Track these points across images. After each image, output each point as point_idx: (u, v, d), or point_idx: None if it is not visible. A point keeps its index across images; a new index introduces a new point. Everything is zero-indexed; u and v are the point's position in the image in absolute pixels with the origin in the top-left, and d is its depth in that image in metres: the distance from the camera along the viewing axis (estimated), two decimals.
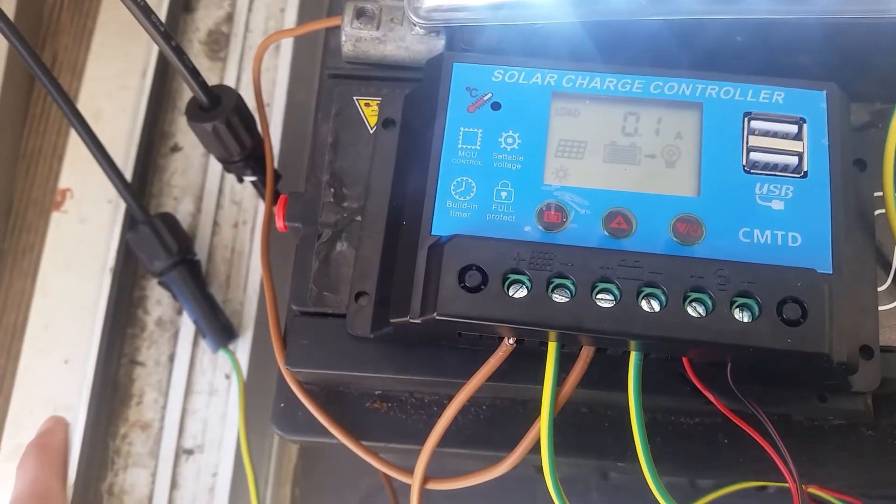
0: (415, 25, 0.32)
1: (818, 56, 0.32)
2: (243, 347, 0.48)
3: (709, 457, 0.33)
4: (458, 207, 0.27)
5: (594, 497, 0.59)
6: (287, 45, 0.54)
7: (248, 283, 0.49)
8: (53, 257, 0.49)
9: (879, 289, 0.31)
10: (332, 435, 0.32)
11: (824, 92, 0.28)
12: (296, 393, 0.32)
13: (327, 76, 0.36)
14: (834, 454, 0.33)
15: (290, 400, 0.33)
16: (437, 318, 0.25)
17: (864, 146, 0.32)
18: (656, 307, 0.24)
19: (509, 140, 0.28)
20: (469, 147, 0.28)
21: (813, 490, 0.50)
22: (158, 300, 0.49)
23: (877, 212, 0.32)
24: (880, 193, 0.31)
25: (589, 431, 0.33)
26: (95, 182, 0.49)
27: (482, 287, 0.25)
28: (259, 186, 0.44)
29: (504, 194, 0.27)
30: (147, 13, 0.33)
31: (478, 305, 0.24)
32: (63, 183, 0.51)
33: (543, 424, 0.26)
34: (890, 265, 0.32)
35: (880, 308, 0.31)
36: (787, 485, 0.54)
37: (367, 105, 0.34)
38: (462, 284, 0.25)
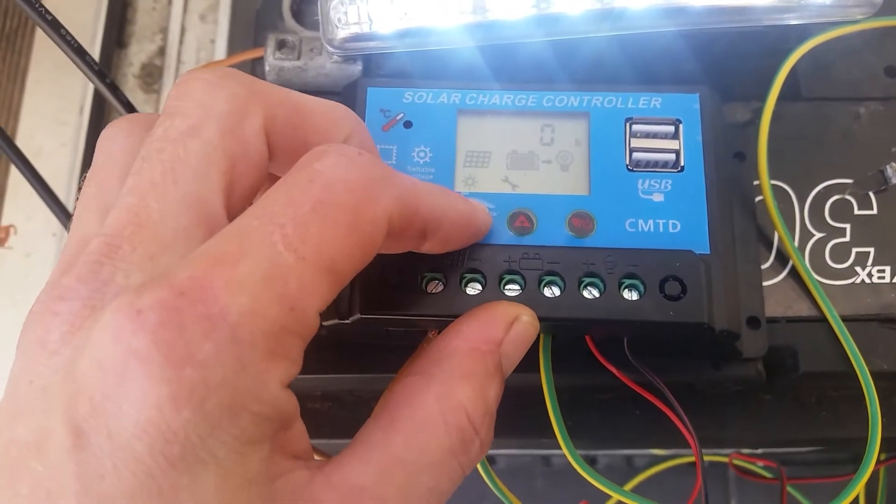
0: (332, 55, 0.35)
1: (696, 63, 0.36)
2: None
3: (623, 427, 0.36)
4: None
5: (539, 484, 0.62)
6: None
7: None
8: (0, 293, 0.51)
9: (763, 266, 0.35)
10: None
11: (697, 95, 0.31)
12: None
13: None
14: (736, 418, 0.37)
15: None
16: (362, 316, 0.27)
17: (745, 140, 0.36)
18: (556, 292, 0.27)
19: (421, 154, 0.31)
20: (386, 162, 0.31)
21: (737, 460, 0.54)
22: None
23: (757, 198, 0.36)
24: (759, 182, 0.35)
25: (520, 412, 0.36)
26: (39, 217, 0.51)
27: (402, 285, 0.27)
28: None
29: None
30: (81, 54, 0.35)
31: (398, 302, 0.27)
32: (6, 220, 0.53)
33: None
34: (772, 245, 0.36)
35: (765, 283, 0.35)
36: (717, 458, 0.58)
37: None
38: (384, 284, 0.27)
